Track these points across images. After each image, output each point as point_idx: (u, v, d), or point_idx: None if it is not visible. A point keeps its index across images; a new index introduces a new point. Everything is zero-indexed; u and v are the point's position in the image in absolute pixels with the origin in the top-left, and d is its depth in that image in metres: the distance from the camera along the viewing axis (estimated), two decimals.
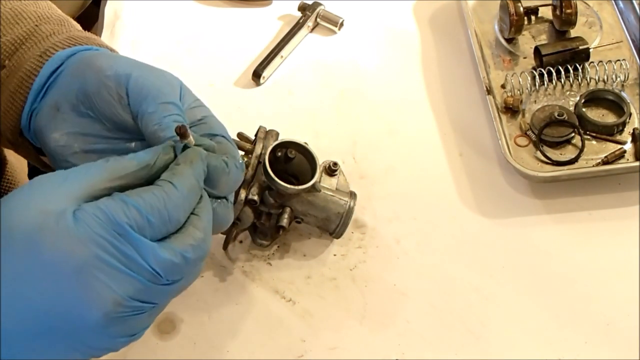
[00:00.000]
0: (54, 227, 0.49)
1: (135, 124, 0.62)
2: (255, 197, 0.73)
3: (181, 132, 0.57)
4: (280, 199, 0.74)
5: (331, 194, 0.76)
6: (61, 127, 0.64)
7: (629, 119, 0.87)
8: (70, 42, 0.68)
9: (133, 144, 0.64)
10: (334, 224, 0.77)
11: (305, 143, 0.76)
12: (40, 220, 0.50)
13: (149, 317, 0.54)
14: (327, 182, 0.77)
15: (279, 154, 0.75)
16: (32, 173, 0.99)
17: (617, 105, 0.88)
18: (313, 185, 0.74)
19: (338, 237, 0.79)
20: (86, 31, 0.72)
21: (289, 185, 0.73)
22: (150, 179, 0.55)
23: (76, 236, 0.49)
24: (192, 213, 0.55)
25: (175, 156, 0.57)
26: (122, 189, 0.53)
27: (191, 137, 0.58)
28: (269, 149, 0.74)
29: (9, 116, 0.67)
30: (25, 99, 0.65)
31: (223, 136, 0.63)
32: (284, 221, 0.74)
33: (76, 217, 0.50)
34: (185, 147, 0.57)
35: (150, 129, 0.60)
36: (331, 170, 0.78)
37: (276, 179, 0.72)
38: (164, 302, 0.55)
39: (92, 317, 0.50)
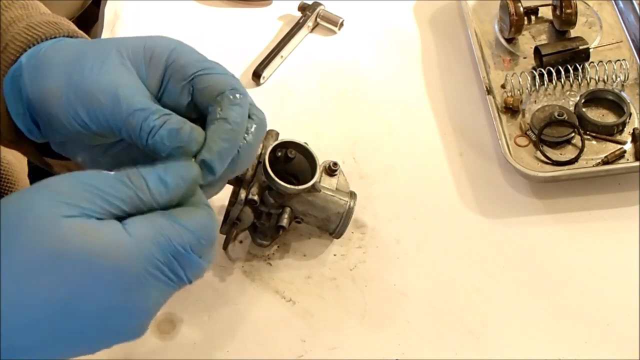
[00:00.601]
0: (113, 246, 0.51)
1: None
2: (255, 197, 0.73)
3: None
4: (280, 199, 0.74)
5: (331, 194, 0.76)
6: (78, 151, 0.64)
7: (629, 119, 0.87)
8: (30, 33, 0.64)
9: None
10: (334, 224, 0.77)
11: (305, 143, 0.76)
12: (97, 236, 0.50)
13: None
14: (327, 182, 0.77)
15: (279, 154, 0.75)
16: (32, 173, 0.99)
17: (617, 105, 0.88)
18: (313, 185, 0.74)
19: (338, 237, 0.79)
20: (49, 13, 0.69)
21: (289, 185, 0.73)
22: None
23: (133, 255, 0.51)
24: None
25: None
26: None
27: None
28: (269, 149, 0.74)
29: (3, 115, 0.65)
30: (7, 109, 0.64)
31: (226, 91, 0.61)
32: (284, 221, 0.74)
33: (130, 233, 0.51)
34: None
35: (141, 146, 0.59)
36: (331, 170, 0.78)
37: (276, 179, 0.72)
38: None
39: (133, 326, 0.53)
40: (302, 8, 0.99)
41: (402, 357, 0.73)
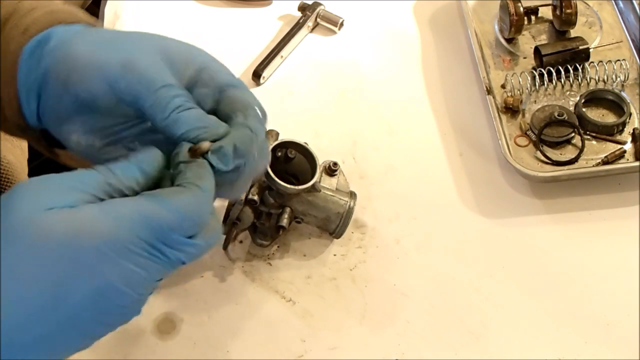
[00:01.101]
0: (91, 226, 0.51)
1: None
2: (255, 197, 0.73)
3: (194, 153, 0.57)
4: (280, 199, 0.74)
5: (331, 194, 0.76)
6: (74, 130, 0.63)
7: (629, 119, 0.87)
8: (49, 18, 0.65)
9: (149, 123, 0.63)
10: (334, 224, 0.77)
11: (305, 143, 0.76)
12: (74, 219, 0.51)
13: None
14: (327, 182, 0.77)
15: (279, 154, 0.75)
16: (33, 173, 0.99)
17: (617, 105, 0.88)
18: (313, 185, 0.74)
19: (338, 237, 0.79)
20: (68, 3, 0.69)
21: (289, 185, 0.73)
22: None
23: (112, 234, 0.52)
24: None
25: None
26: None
27: (204, 145, 0.58)
28: (269, 149, 0.74)
29: (11, 103, 0.65)
30: (16, 93, 0.64)
31: (230, 85, 0.63)
32: (284, 221, 0.74)
33: (108, 213, 0.52)
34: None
35: (160, 126, 0.60)
36: (331, 170, 0.78)
37: (276, 179, 0.72)
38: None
39: (126, 304, 0.53)
40: (302, 8, 0.99)
41: (402, 357, 0.73)
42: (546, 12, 0.97)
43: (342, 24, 0.99)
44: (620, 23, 0.96)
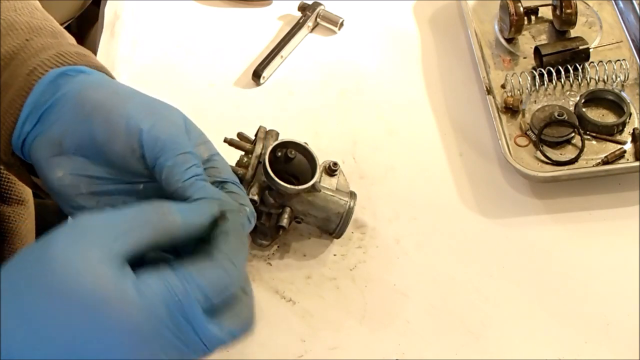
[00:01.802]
0: (116, 297, 0.49)
1: (151, 173, 0.61)
2: (255, 197, 0.73)
3: (221, 216, 0.57)
4: (280, 199, 0.74)
5: (331, 194, 0.76)
6: (65, 167, 0.62)
7: (629, 119, 0.87)
8: (60, 60, 0.65)
9: (142, 186, 0.63)
10: (334, 224, 0.77)
11: (305, 143, 0.76)
12: (99, 285, 0.49)
13: None
14: (327, 182, 0.77)
15: (279, 154, 0.75)
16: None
17: (617, 105, 0.88)
18: (313, 185, 0.74)
19: (338, 237, 0.79)
20: (78, 45, 0.69)
21: (289, 185, 0.73)
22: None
23: (140, 311, 0.50)
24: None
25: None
26: (167, 244, 0.54)
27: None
28: (269, 149, 0.74)
29: (1, 135, 0.64)
30: (16, 119, 0.63)
31: (233, 183, 0.63)
32: (284, 221, 0.74)
33: (140, 290, 0.50)
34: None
35: (173, 186, 0.59)
36: (331, 170, 0.78)
37: (276, 179, 0.72)
38: None
39: None
40: (302, 8, 0.99)
41: (402, 357, 0.73)
42: (546, 12, 0.97)
43: (342, 24, 0.99)
44: (620, 23, 0.96)
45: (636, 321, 0.74)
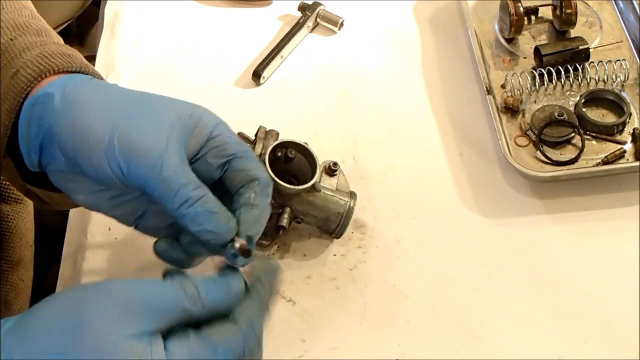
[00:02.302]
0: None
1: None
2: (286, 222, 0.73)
3: (243, 251, 0.59)
4: (280, 199, 0.74)
5: (331, 194, 0.76)
6: (81, 189, 0.63)
7: (629, 119, 0.87)
8: (42, 62, 0.63)
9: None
10: (334, 224, 0.77)
11: (305, 143, 0.76)
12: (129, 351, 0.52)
13: None
14: (327, 182, 0.77)
15: (279, 154, 0.75)
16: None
17: (617, 105, 0.88)
18: (313, 186, 0.74)
19: (338, 237, 0.79)
20: (64, 45, 0.68)
21: (289, 186, 0.72)
22: None
23: None
24: None
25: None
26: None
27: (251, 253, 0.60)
28: (269, 149, 0.74)
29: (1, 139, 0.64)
30: (6, 127, 0.62)
31: (240, 156, 0.63)
32: (284, 221, 0.74)
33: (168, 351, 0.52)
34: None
35: (169, 212, 0.59)
36: (331, 170, 0.78)
37: (276, 179, 0.72)
38: None
39: None
40: (302, 8, 0.99)
41: (402, 357, 0.73)
42: (546, 12, 0.97)
43: (342, 24, 0.99)
44: (620, 23, 0.96)
45: (636, 321, 0.74)
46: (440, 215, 0.83)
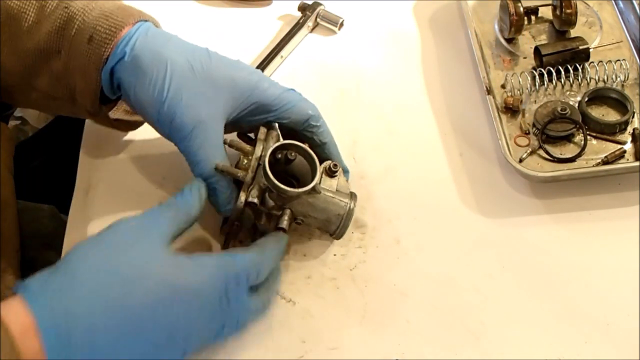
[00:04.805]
0: (180, 269, 0.65)
1: None
2: (255, 200, 0.73)
3: (221, 170, 0.73)
4: (280, 200, 0.74)
5: (331, 195, 0.76)
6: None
7: (632, 117, 0.86)
8: (108, 24, 0.74)
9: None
10: (334, 225, 0.77)
11: (306, 144, 0.76)
12: (165, 263, 0.65)
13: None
14: (327, 184, 0.77)
15: (279, 155, 0.75)
16: (32, 173, 0.99)
17: (619, 104, 0.88)
18: (313, 188, 0.74)
19: (338, 238, 0.78)
20: None
21: (289, 188, 0.72)
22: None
23: (205, 280, 0.65)
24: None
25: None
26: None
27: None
28: (269, 150, 0.73)
29: (86, 94, 0.76)
30: (98, 78, 0.75)
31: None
32: (284, 223, 0.74)
33: (198, 263, 0.66)
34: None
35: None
36: (331, 171, 0.77)
37: (276, 182, 0.72)
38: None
39: (202, 338, 0.66)
40: (302, 8, 0.99)
41: (402, 357, 0.73)
42: (546, 12, 0.97)
43: (342, 24, 0.99)
44: (620, 23, 0.96)
45: (636, 321, 0.74)
46: (440, 215, 0.83)
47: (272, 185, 0.72)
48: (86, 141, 0.90)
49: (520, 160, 0.84)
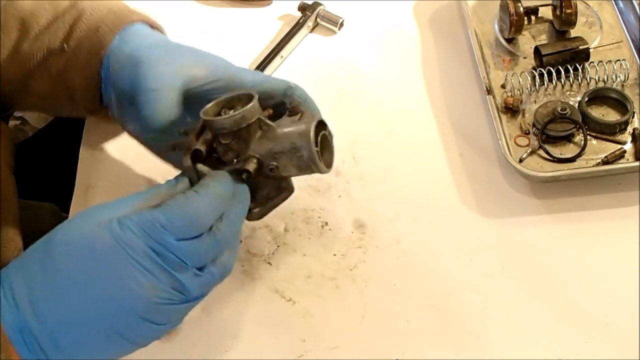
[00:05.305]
0: (104, 231, 0.61)
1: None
2: (202, 148, 0.68)
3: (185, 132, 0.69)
4: (237, 149, 0.69)
5: (289, 122, 0.69)
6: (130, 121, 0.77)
7: (632, 118, 0.86)
8: (117, 19, 0.77)
9: None
10: (305, 151, 0.67)
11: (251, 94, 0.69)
12: (95, 228, 0.61)
13: (183, 308, 0.63)
14: (286, 121, 0.71)
15: (231, 112, 0.69)
16: (32, 171, 0.99)
17: (619, 104, 0.88)
18: (260, 119, 0.68)
19: (328, 167, 0.70)
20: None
21: (221, 116, 0.67)
22: None
23: (120, 236, 0.60)
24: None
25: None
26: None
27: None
28: (207, 106, 0.69)
29: (87, 90, 0.77)
30: (98, 74, 0.76)
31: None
32: (250, 166, 0.68)
33: (120, 222, 0.61)
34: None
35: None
36: (294, 111, 0.71)
37: (212, 119, 0.67)
38: (196, 293, 0.63)
39: (136, 304, 0.61)
40: (302, 8, 0.99)
41: (402, 357, 0.73)
42: (546, 12, 0.97)
43: (342, 24, 0.99)
44: (620, 23, 0.96)
45: (636, 321, 0.74)
46: (440, 215, 0.83)
47: (210, 126, 0.68)
48: (86, 140, 0.90)
49: (520, 160, 0.84)
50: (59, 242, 0.62)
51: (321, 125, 0.70)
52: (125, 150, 0.88)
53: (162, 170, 0.84)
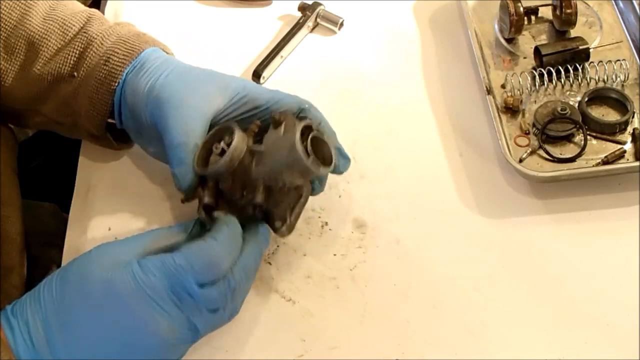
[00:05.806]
0: (124, 272, 0.63)
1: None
2: (207, 200, 0.71)
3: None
4: (241, 180, 0.70)
5: (274, 137, 0.70)
6: (151, 145, 0.80)
7: (632, 118, 0.86)
8: (127, 50, 0.78)
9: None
10: (300, 161, 0.69)
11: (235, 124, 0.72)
12: (113, 268, 0.63)
13: (190, 344, 0.68)
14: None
15: (222, 147, 0.71)
16: (33, 172, 0.98)
17: (620, 104, 0.88)
18: (243, 149, 0.70)
19: (329, 164, 0.72)
20: (129, 23, 0.83)
21: (212, 167, 0.70)
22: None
23: (142, 279, 0.63)
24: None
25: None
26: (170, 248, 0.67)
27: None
28: (200, 148, 0.72)
29: (93, 118, 0.78)
30: (109, 101, 0.78)
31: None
32: (259, 197, 0.70)
33: (140, 264, 0.64)
34: None
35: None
36: (276, 122, 0.71)
37: (206, 171, 0.70)
38: (204, 333, 0.68)
39: (154, 345, 0.63)
40: (302, 8, 0.99)
41: (402, 357, 0.73)
42: (546, 12, 0.97)
43: (342, 24, 0.99)
44: (620, 23, 0.96)
45: (636, 321, 0.74)
46: (440, 215, 0.83)
47: (207, 176, 0.71)
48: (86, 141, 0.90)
49: (520, 160, 0.84)
50: (74, 280, 0.64)
51: (306, 129, 0.71)
52: (125, 151, 0.88)
53: (162, 171, 0.84)
